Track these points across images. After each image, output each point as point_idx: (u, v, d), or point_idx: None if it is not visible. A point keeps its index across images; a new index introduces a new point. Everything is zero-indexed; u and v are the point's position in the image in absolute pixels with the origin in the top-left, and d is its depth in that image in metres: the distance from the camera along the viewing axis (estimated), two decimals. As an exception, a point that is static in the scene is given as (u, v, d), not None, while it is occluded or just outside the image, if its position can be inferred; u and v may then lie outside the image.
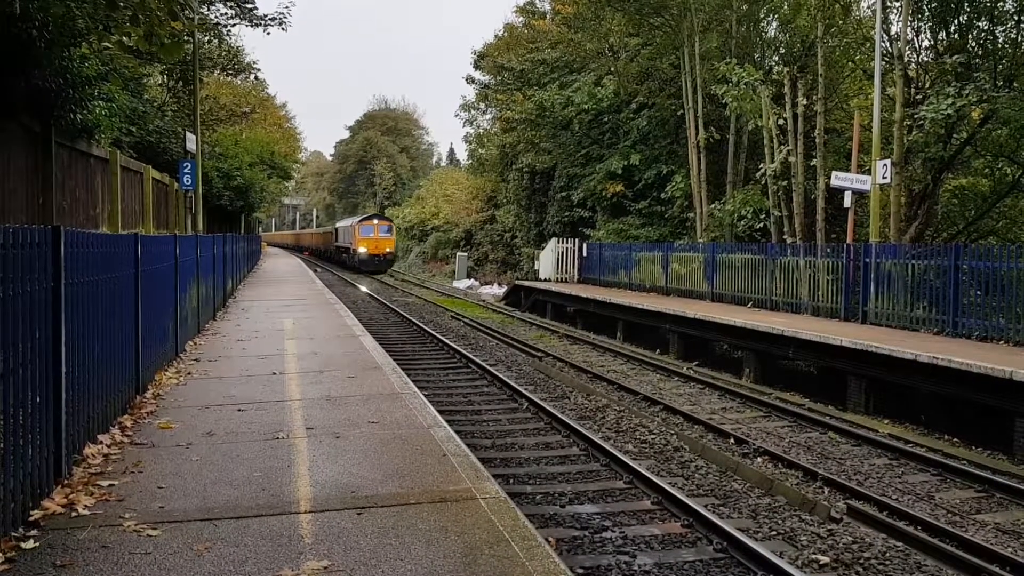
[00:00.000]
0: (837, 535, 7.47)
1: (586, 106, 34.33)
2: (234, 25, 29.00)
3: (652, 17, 28.91)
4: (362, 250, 51.69)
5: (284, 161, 51.77)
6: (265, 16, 28.09)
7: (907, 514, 7.94)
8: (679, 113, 29.69)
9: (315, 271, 43.80)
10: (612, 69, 35.01)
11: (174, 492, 5.42)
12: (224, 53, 33.48)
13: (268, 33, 27.95)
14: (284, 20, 28.12)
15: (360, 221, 53.85)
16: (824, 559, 6.90)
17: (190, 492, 5.42)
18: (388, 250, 53.05)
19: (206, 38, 29.40)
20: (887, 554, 7.06)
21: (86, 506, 5.07)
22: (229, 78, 43.18)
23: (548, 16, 49.30)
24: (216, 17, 28.48)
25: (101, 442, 6.40)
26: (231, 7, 27.90)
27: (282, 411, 7.89)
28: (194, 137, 22.58)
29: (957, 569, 6.78)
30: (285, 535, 4.68)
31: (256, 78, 41.55)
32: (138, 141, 20.63)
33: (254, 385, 9.24)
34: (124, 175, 15.74)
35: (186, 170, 21.92)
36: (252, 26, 28.58)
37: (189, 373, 9.97)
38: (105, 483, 5.53)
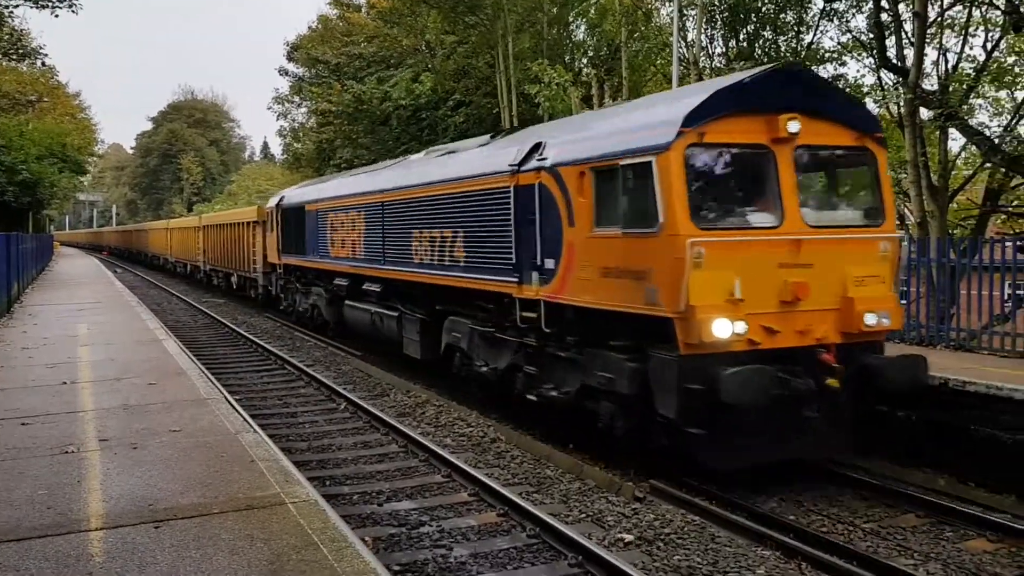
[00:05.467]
0: (641, 514, 7.89)
1: (404, 101, 34.23)
2: (16, 7, 26.75)
3: (467, 16, 29.26)
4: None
5: (78, 154, 48.12)
6: (52, -3, 26.04)
7: (704, 490, 8.51)
8: (495, 111, 30.22)
9: (115, 272, 40.99)
10: (429, 66, 35.12)
11: (-58, 518, 4.94)
12: (6, 37, 30.70)
13: (56, 16, 25.95)
14: (74, 3, 26.19)
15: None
16: (629, 537, 7.27)
17: (-38, 517, 4.96)
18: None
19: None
20: (685, 528, 7.53)
21: None
22: (12, 64, 39.66)
23: (363, 10, 48.64)
24: (-7, -3, 26.10)
25: None
26: (12, -14, 25.65)
27: (73, 423, 7.37)
28: (-31, 127, 20.54)
29: (747, 538, 7.35)
30: (73, 555, 4.39)
31: (44, 64, 38.29)
32: (-100, 130, 18.52)
33: (41, 396, 8.57)
34: None
35: (-40, 163, 19.92)
36: (38, 7, 26.42)
37: (-36, 387, 9.09)
38: None
